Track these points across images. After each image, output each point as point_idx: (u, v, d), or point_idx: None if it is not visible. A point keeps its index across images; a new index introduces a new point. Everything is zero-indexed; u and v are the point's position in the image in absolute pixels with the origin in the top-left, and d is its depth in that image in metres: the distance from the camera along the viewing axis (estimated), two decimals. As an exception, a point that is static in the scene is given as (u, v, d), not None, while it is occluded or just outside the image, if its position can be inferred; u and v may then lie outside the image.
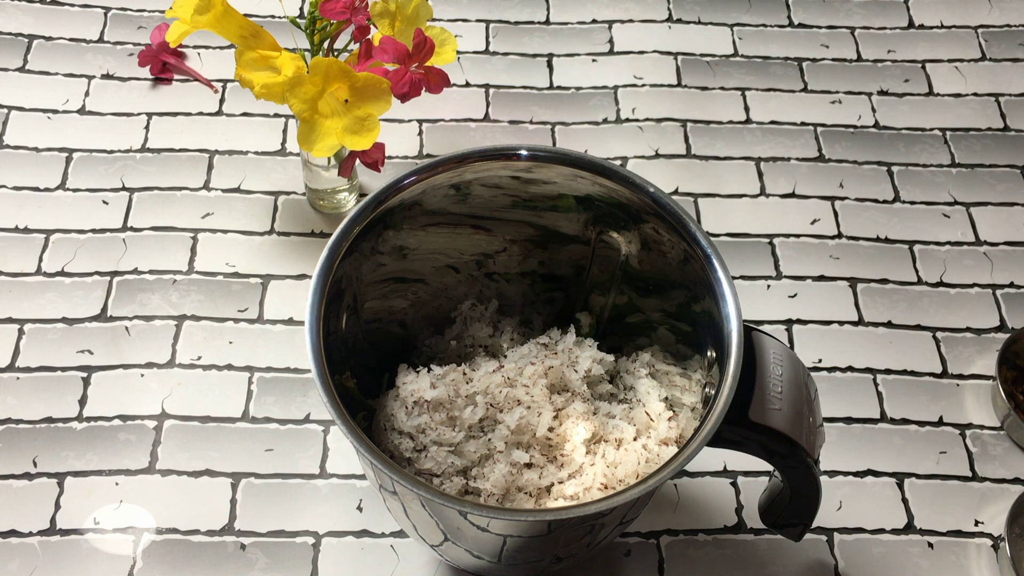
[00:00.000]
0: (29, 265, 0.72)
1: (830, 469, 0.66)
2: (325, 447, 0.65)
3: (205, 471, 0.64)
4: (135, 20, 0.85)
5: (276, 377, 0.68)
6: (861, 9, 0.90)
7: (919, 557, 0.63)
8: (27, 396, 0.66)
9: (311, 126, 0.64)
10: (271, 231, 0.74)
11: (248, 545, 0.61)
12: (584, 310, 0.63)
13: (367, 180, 0.77)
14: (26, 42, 0.83)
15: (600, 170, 0.55)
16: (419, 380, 0.55)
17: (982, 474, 0.66)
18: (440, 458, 0.53)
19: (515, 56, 0.85)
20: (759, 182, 0.79)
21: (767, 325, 0.72)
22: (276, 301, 0.71)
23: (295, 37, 0.73)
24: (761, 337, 0.51)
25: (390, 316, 0.61)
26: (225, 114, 0.80)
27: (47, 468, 0.63)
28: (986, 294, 0.74)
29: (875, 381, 0.70)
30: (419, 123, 0.81)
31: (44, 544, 0.61)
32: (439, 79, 0.68)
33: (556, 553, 0.53)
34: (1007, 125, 0.83)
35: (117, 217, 0.74)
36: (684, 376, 0.57)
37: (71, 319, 0.69)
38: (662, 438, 0.55)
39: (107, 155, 0.77)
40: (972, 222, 0.78)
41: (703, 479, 0.65)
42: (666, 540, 0.63)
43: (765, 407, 0.48)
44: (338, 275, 0.52)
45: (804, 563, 0.62)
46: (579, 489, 0.53)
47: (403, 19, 0.67)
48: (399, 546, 0.62)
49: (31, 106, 0.80)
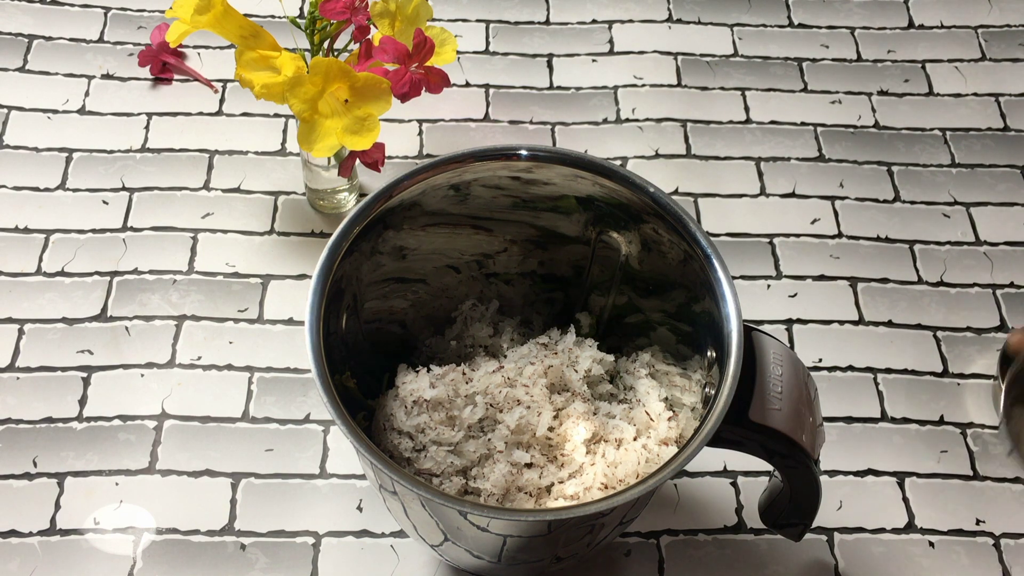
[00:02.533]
0: (29, 265, 0.72)
1: (830, 469, 0.66)
2: (325, 447, 0.65)
3: (205, 471, 0.64)
4: (135, 20, 0.85)
5: (276, 377, 0.68)
6: (861, 9, 0.90)
7: (920, 557, 0.63)
8: (27, 396, 0.66)
9: (311, 126, 0.64)
10: (271, 231, 0.74)
11: (248, 545, 0.61)
12: (584, 310, 0.63)
13: (367, 180, 0.77)
14: (26, 42, 0.83)
15: (600, 170, 0.55)
16: (418, 380, 0.55)
17: (983, 473, 0.66)
18: (439, 458, 0.53)
19: (515, 56, 0.85)
20: (759, 182, 0.79)
21: (767, 325, 0.72)
22: (276, 301, 0.71)
23: (295, 37, 0.73)
24: (761, 337, 0.51)
25: (390, 316, 0.61)
26: (225, 114, 0.80)
27: (47, 468, 0.63)
28: (986, 294, 0.74)
29: (875, 380, 0.70)
30: (419, 123, 0.81)
31: (44, 544, 0.61)
32: (439, 79, 0.68)
33: (556, 553, 0.53)
34: (1007, 125, 0.83)
35: (117, 217, 0.74)
36: (684, 376, 0.57)
37: (71, 319, 0.69)
38: (662, 438, 0.55)
39: (107, 155, 0.77)
40: (972, 222, 0.78)
41: (703, 479, 0.65)
42: (666, 540, 0.63)
43: (765, 407, 0.48)
44: (338, 275, 0.52)
45: (804, 563, 0.62)
46: (579, 489, 0.53)
47: (403, 19, 0.67)
48: (399, 546, 0.62)
49: (31, 106, 0.80)
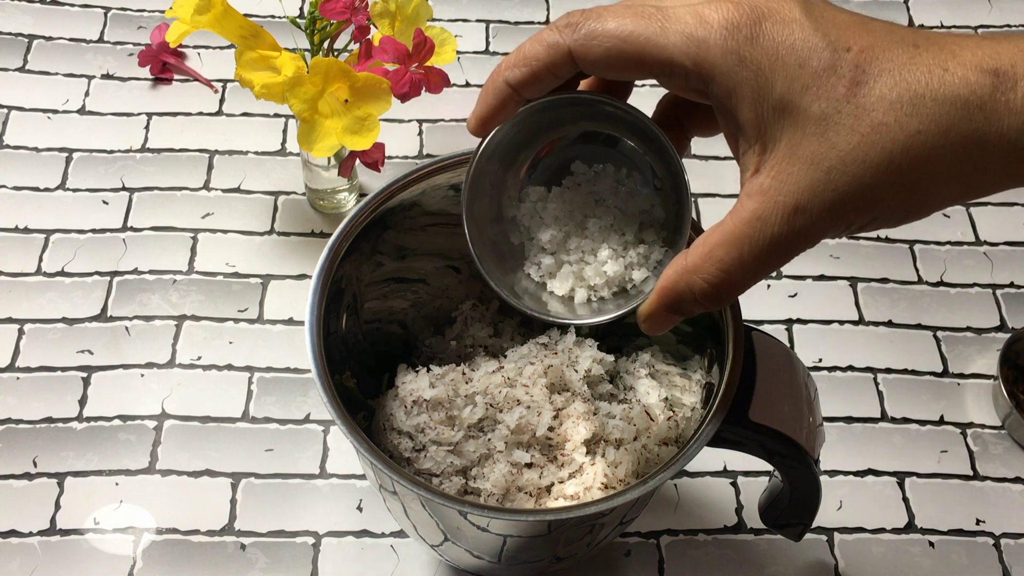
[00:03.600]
0: (29, 265, 0.72)
1: (830, 469, 0.66)
2: (325, 447, 0.65)
3: (205, 471, 0.64)
4: (135, 20, 0.85)
5: (276, 377, 0.68)
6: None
7: (920, 556, 0.63)
8: (27, 396, 0.66)
9: (311, 126, 0.64)
10: (271, 231, 0.74)
11: (248, 545, 0.61)
12: (584, 310, 0.63)
13: (367, 180, 0.77)
14: (26, 42, 0.83)
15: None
16: (418, 380, 0.55)
17: (983, 473, 0.66)
18: (439, 458, 0.53)
19: (515, 56, 0.85)
20: (759, 182, 0.79)
21: (767, 325, 0.72)
22: (276, 301, 0.71)
23: (295, 37, 0.73)
24: (761, 337, 0.51)
25: (390, 316, 0.61)
26: (225, 114, 0.80)
27: (47, 468, 0.63)
28: (986, 294, 0.74)
29: (875, 380, 0.70)
30: (419, 123, 0.81)
31: (44, 544, 0.61)
32: (439, 79, 0.68)
33: (556, 553, 0.53)
34: (1007, 125, 0.83)
35: (117, 217, 0.74)
36: (684, 376, 0.57)
37: (71, 319, 0.69)
38: (662, 438, 0.55)
39: (107, 155, 0.77)
40: (972, 222, 0.78)
41: (703, 479, 0.65)
42: (666, 540, 0.63)
43: (765, 407, 0.48)
44: (338, 275, 0.52)
45: (804, 563, 0.62)
46: (579, 489, 0.53)
47: (403, 19, 0.67)
48: (399, 546, 0.62)
49: (31, 106, 0.80)
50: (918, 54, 0.33)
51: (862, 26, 0.34)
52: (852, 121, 0.33)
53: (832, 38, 0.33)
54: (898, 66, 0.33)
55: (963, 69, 0.33)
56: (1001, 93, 0.32)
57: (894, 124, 0.33)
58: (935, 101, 0.32)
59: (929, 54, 0.33)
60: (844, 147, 0.33)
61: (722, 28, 0.34)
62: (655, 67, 0.36)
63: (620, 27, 0.36)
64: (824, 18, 0.34)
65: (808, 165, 0.34)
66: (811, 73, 0.33)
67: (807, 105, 0.34)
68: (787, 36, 0.34)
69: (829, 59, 0.33)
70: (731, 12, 0.34)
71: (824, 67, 0.33)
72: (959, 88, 0.32)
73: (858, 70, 0.33)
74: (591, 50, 0.37)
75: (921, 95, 0.33)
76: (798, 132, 0.34)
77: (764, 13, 0.34)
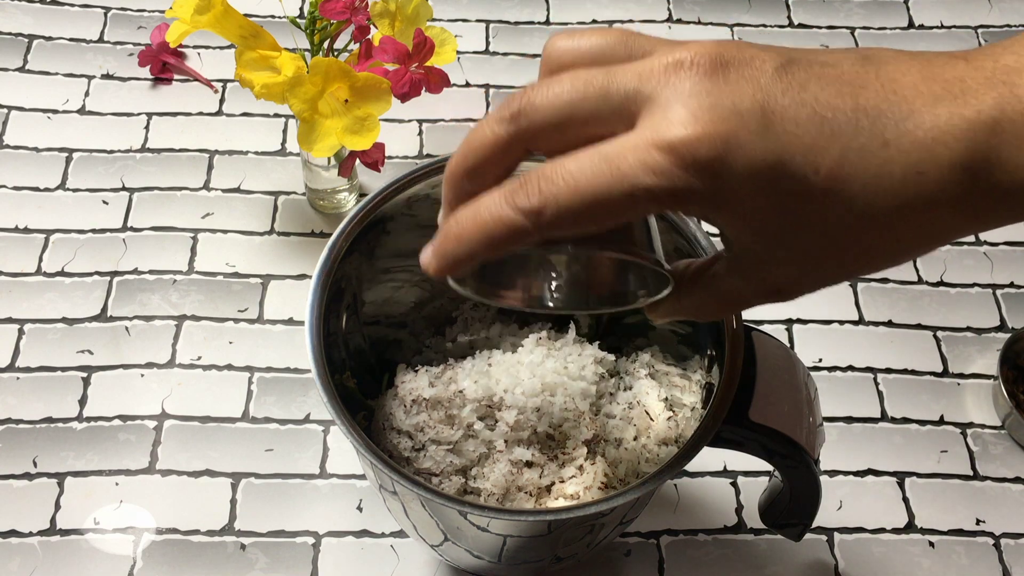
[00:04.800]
0: (29, 265, 0.72)
1: (830, 469, 0.66)
2: (325, 447, 0.65)
3: (205, 471, 0.64)
4: (135, 20, 0.85)
5: (276, 377, 0.68)
6: (861, 9, 0.90)
7: (920, 556, 0.63)
8: (27, 396, 0.66)
9: (311, 126, 0.64)
10: (271, 231, 0.74)
11: (248, 545, 0.61)
12: (584, 310, 0.63)
13: (367, 180, 0.77)
14: (26, 42, 0.83)
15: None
16: (417, 379, 0.55)
17: (983, 473, 0.66)
18: (439, 457, 0.53)
19: (515, 56, 0.85)
20: (759, 182, 0.79)
21: (767, 325, 0.72)
22: (276, 301, 0.71)
23: (295, 37, 0.73)
24: (761, 337, 0.51)
25: (390, 316, 0.61)
26: (225, 114, 0.80)
27: (47, 468, 0.63)
28: (986, 294, 0.74)
29: (875, 380, 0.70)
30: (419, 123, 0.81)
31: (44, 544, 0.61)
32: (439, 79, 0.68)
33: (556, 553, 0.53)
34: (1007, 125, 0.83)
35: (117, 217, 0.74)
36: (684, 376, 0.57)
37: (71, 319, 0.69)
38: (662, 438, 0.55)
39: (107, 155, 0.77)
40: (972, 222, 0.78)
41: (703, 479, 0.65)
42: (666, 540, 0.63)
43: (765, 407, 0.48)
44: (338, 275, 0.52)
45: (804, 563, 0.62)
46: (579, 488, 0.53)
47: (403, 19, 0.67)
48: (399, 546, 0.62)
49: (31, 106, 0.80)
50: (890, 158, 0.31)
51: (823, 124, 0.31)
52: (838, 254, 0.33)
53: (798, 161, 0.31)
54: (872, 177, 0.31)
55: (938, 171, 0.31)
56: (980, 184, 0.31)
57: (878, 242, 0.32)
58: (913, 211, 0.31)
59: (901, 156, 0.31)
60: (833, 278, 0.34)
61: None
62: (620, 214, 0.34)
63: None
64: (786, 132, 0.31)
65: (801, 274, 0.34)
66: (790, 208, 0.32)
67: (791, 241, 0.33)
68: (756, 158, 0.31)
69: (801, 188, 0.31)
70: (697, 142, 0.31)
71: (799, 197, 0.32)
72: (936, 195, 0.31)
73: (830, 195, 0.31)
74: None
75: (899, 207, 0.31)
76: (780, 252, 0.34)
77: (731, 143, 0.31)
